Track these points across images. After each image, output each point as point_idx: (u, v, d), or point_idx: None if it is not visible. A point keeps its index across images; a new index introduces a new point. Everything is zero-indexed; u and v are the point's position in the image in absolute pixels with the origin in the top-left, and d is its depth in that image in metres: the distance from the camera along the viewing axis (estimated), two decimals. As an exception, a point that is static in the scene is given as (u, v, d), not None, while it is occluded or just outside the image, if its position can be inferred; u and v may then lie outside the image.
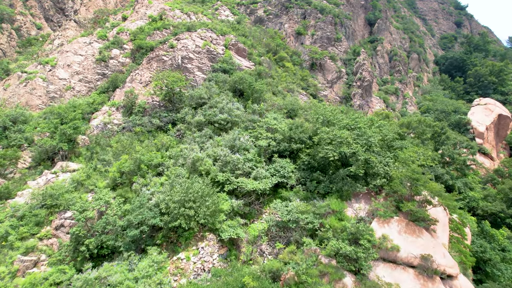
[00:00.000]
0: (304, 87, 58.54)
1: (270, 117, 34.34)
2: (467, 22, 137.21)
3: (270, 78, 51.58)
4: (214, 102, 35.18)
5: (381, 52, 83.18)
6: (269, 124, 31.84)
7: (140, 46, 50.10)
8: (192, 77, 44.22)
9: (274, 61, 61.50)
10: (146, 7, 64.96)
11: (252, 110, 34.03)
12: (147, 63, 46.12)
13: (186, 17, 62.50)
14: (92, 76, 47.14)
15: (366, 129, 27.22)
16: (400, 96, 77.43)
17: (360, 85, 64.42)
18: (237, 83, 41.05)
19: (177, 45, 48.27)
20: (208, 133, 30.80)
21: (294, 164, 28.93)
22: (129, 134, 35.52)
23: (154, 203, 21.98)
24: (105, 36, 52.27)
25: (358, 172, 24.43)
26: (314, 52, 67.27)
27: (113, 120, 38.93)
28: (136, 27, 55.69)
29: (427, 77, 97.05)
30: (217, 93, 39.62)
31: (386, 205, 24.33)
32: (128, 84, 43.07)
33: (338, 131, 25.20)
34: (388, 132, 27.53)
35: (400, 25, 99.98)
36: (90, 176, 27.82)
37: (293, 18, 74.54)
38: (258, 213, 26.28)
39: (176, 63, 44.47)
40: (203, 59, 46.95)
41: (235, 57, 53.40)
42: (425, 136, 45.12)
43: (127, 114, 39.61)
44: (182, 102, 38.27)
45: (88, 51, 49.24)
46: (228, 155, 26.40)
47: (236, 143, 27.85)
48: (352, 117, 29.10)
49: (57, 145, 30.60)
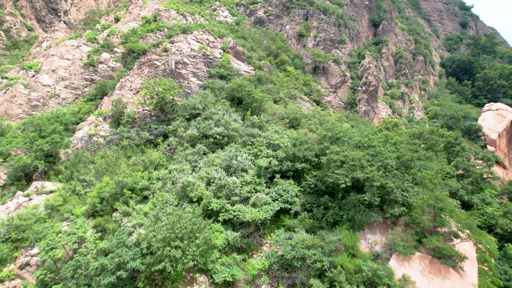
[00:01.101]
0: (307, 92, 55.19)
1: (271, 130, 31.00)
2: (473, 23, 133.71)
3: (271, 83, 48.24)
4: (209, 113, 31.84)
5: (386, 55, 79.82)
6: (270, 139, 28.50)
7: (131, 49, 46.77)
8: (187, 83, 40.89)
9: (275, 64, 58.16)
10: (140, 8, 61.65)
11: (251, 122, 30.68)
12: (138, 68, 42.77)
13: (182, 18, 59.18)
14: (79, 82, 43.79)
15: (380, 147, 23.86)
16: (406, 100, 74.07)
17: (366, 90, 61.06)
18: (235, 90, 37.76)
19: (171, 49, 44.95)
20: (201, 150, 27.47)
21: (299, 186, 25.59)
22: (116, 148, 32.18)
23: (135, 241, 18.63)
24: (94, 38, 48.93)
25: (373, 200, 21.10)
26: (317, 55, 63.91)
27: (99, 132, 35.59)
28: (129, 29, 52.39)
29: (433, 80, 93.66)
30: (213, 102, 36.32)
31: (406, 239, 20.99)
32: (117, 92, 39.71)
33: (350, 152, 21.84)
34: (405, 151, 24.15)
35: (405, 26, 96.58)
36: (67, 200, 24.48)
37: (294, 19, 71.18)
38: (257, 244, 22.93)
39: (169, 68, 41.13)
40: (199, 64, 43.61)
41: (234, 61, 50.08)
42: (438, 148, 41.82)
43: (115, 125, 36.26)
44: (175, 112, 34.93)
45: (76, 55, 45.88)
46: (223, 178, 23.07)
47: (233, 163, 24.52)
48: (364, 133, 25.72)
49: (31, 163, 27.25)
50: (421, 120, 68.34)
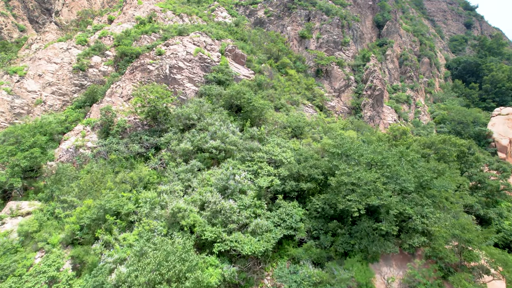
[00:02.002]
0: (310, 97, 52.50)
1: (272, 143, 28.33)
2: (478, 23, 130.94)
3: (271, 89, 45.56)
4: (205, 124, 29.14)
5: (391, 57, 77.08)
6: (271, 154, 25.83)
7: (124, 52, 44.07)
8: (182, 89, 38.20)
9: (276, 68, 55.48)
10: (135, 8, 58.91)
11: (250, 135, 27.96)
12: (130, 73, 40.05)
13: (178, 19, 56.47)
14: (68, 87, 41.08)
15: (396, 165, 21.16)
16: (412, 104, 71.33)
17: (371, 95, 58.34)
18: (233, 97, 35.08)
19: (165, 52, 42.25)
20: (195, 166, 24.76)
21: (304, 208, 22.92)
22: (103, 162, 29.48)
23: (115, 283, 15.94)
24: (85, 41, 46.20)
25: (390, 230, 18.42)
26: (320, 57, 61.19)
27: (86, 143, 32.88)
28: (122, 30, 49.67)
29: (439, 82, 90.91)
30: (210, 110, 33.64)
31: (427, 275, 18.30)
32: (107, 99, 37.00)
33: (363, 174, 19.14)
34: (424, 171, 21.42)
35: (410, 27, 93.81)
36: (43, 225, 21.78)
37: (296, 20, 68.44)
38: (258, 277, 20.26)
39: (163, 73, 38.44)
40: (195, 68, 40.91)
41: (232, 64, 47.39)
42: (451, 158, 39.17)
43: (103, 135, 33.54)
44: (168, 121, 32.23)
45: (65, 58, 43.16)
46: (219, 202, 20.39)
47: (230, 183, 21.83)
48: (377, 149, 23.02)
49: (6, 181, 24.57)
50: (427, 125, 65.60)
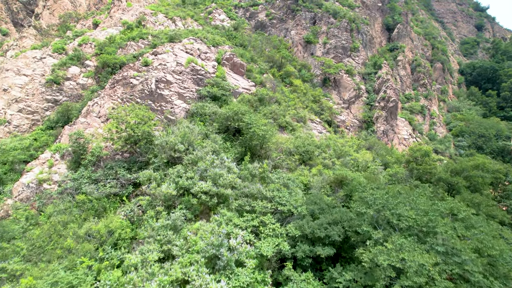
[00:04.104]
0: (317, 111, 46.82)
1: (277, 182, 22.66)
2: (489, 25, 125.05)
3: (275, 104, 39.90)
4: (194, 158, 23.47)
5: (403, 63, 71.33)
6: (277, 201, 20.19)
7: (105, 63, 38.44)
8: (170, 108, 32.55)
9: (279, 77, 49.81)
10: (123, 11, 53.34)
11: (250, 173, 22.25)
12: (110, 88, 34.40)
13: (170, 24, 50.86)
14: (39, 104, 35.48)
15: (448, 231, 15.43)
16: (427, 115, 65.57)
17: (384, 106, 52.62)
18: (230, 119, 29.45)
19: (152, 62, 36.68)
20: (179, 220, 19.08)
21: (321, 281, 17.24)
22: (69, 205, 23.82)
23: None
24: (62, 48, 40.60)
25: None
26: (328, 65, 55.51)
27: (53, 176, 27.20)
28: (106, 36, 44.06)
29: (452, 89, 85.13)
30: (201, 136, 28.01)
31: None
32: (81, 120, 31.37)
33: (411, 256, 13.43)
34: (488, 241, 15.65)
35: (421, 30, 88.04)
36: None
37: (301, 23, 62.76)
38: None
39: (148, 88, 32.80)
40: (186, 82, 35.26)
41: (230, 75, 41.76)
42: (485, 187, 33.55)
43: (75, 165, 27.92)
44: (151, 150, 26.57)
45: (37, 69, 37.59)
46: (204, 284, 14.71)
47: (222, 252, 16.15)
48: (418, 202, 17.30)
49: None
50: (445, 139, 59.86)
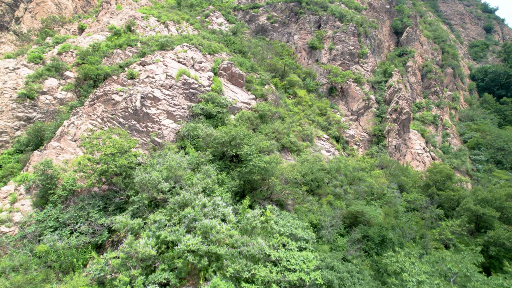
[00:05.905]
0: (324, 126, 42.40)
1: (283, 230, 18.25)
2: (498, 27, 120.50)
3: (278, 120, 35.45)
4: (181, 200, 19.05)
5: (413, 69, 66.90)
6: (284, 266, 15.78)
7: (87, 74, 34.02)
8: (157, 129, 28.14)
9: (282, 87, 45.39)
10: (111, 15, 48.92)
11: (250, 226, 17.78)
12: (90, 106, 29.95)
13: (163, 29, 46.43)
14: (8, 122, 31.05)
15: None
16: (439, 125, 61.13)
17: (397, 119, 48.20)
18: (226, 145, 25.05)
19: (139, 74, 32.34)
20: (157, 295, 14.69)
21: None
22: (27, 257, 19.39)
23: None
24: (39, 57, 36.13)
25: None
26: (334, 73, 51.11)
27: (14, 216, 22.71)
28: (90, 43, 39.62)
29: (463, 95, 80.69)
30: (193, 166, 23.62)
31: None
32: (53, 144, 26.92)
33: None
34: None
35: (430, 33, 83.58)
36: None
37: (304, 27, 58.34)
38: None
39: (132, 106, 28.39)
40: (177, 98, 30.84)
41: (228, 87, 37.38)
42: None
43: (42, 201, 23.51)
44: (131, 186, 22.15)
45: (9, 81, 33.18)
46: None
47: None
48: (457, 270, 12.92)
49: None
50: (460, 153, 55.45)
